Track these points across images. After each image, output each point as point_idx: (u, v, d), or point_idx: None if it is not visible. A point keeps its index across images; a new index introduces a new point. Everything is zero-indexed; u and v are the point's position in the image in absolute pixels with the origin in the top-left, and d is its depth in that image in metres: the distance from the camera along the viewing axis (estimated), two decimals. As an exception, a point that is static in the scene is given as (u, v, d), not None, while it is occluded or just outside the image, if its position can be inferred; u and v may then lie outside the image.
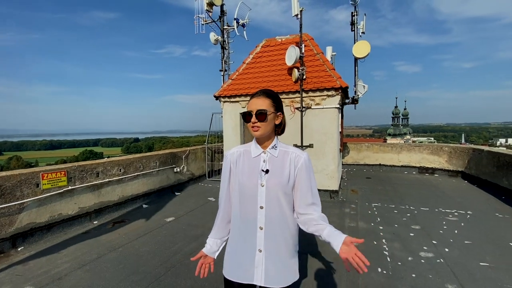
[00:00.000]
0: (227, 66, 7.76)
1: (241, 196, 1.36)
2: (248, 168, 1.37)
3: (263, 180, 1.33)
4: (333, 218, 4.64)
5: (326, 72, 5.89)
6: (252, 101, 1.33)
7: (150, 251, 3.48)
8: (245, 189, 1.35)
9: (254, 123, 1.30)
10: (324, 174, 5.91)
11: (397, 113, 63.32)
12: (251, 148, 1.41)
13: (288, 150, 1.38)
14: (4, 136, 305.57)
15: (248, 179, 1.34)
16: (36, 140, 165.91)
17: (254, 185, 1.33)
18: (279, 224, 1.33)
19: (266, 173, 1.33)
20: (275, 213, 1.32)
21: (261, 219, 1.32)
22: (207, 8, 7.36)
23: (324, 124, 5.86)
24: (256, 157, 1.37)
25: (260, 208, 1.32)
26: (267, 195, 1.32)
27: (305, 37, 6.54)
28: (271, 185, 1.32)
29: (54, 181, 3.91)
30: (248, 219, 1.34)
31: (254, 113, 1.29)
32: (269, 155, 1.36)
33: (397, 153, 8.79)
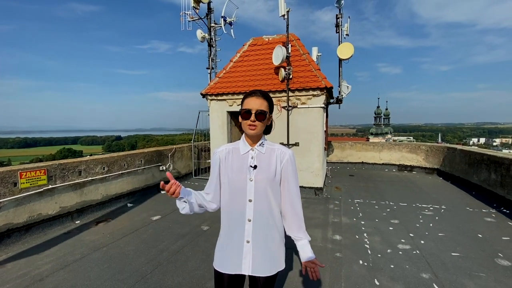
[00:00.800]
0: (214, 64, 7.73)
1: (230, 190, 1.43)
2: (237, 164, 1.44)
3: (251, 175, 1.41)
4: (317, 214, 4.78)
5: (311, 72, 6.02)
6: (251, 100, 1.38)
7: (136, 249, 3.45)
8: (234, 184, 1.42)
9: (253, 122, 1.37)
10: (309, 172, 6.05)
11: (379, 113, 65.32)
12: (240, 146, 1.48)
13: (274, 147, 1.48)
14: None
15: (237, 174, 1.42)
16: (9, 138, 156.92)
17: (243, 180, 1.41)
18: (267, 216, 1.42)
19: (254, 168, 1.41)
20: (263, 206, 1.41)
21: (250, 211, 1.40)
22: (194, 5, 7.29)
23: (310, 123, 6.00)
24: (244, 154, 1.45)
25: (249, 201, 1.40)
26: (256, 189, 1.40)
27: (292, 37, 6.64)
28: (259, 180, 1.40)
29: (33, 180, 3.77)
30: (237, 211, 1.42)
31: (254, 112, 1.36)
32: (256, 152, 1.45)
33: (379, 151, 9.13)
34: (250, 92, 1.44)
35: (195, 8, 7.31)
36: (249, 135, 1.42)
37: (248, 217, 1.41)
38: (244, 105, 1.40)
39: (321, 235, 3.90)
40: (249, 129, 1.38)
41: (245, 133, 1.44)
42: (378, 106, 65.71)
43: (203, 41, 7.52)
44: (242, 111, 1.39)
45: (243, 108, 1.39)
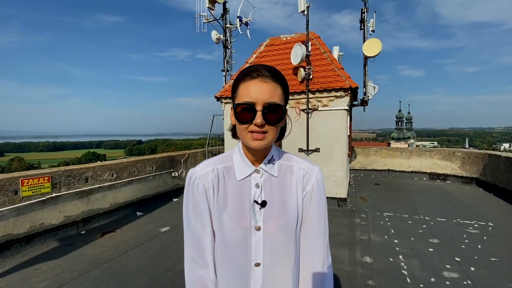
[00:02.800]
0: (229, 66, 7.42)
1: (222, 245, 0.84)
2: (232, 198, 0.84)
3: (257, 221, 0.82)
4: (342, 229, 4.24)
5: (334, 72, 5.53)
6: (253, 85, 0.76)
7: (139, 267, 3.10)
8: (228, 236, 0.82)
9: (260, 127, 0.76)
10: (331, 181, 5.51)
11: (400, 117, 62.76)
12: (235, 163, 0.87)
13: (291, 164, 0.89)
14: (6, 137, 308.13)
15: (232, 218, 0.82)
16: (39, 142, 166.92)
17: (243, 230, 0.81)
18: (285, 286, 0.85)
19: (263, 206, 0.83)
20: (278, 273, 0.83)
21: (257, 282, 0.82)
22: (209, 5, 7.05)
23: (332, 127, 5.48)
24: (244, 179, 0.85)
25: (255, 266, 0.82)
26: (267, 244, 0.82)
27: (312, 35, 6.19)
28: (272, 229, 0.82)
29: (36, 188, 3.55)
30: (236, 281, 0.83)
31: (260, 108, 0.75)
32: (264, 175, 0.86)
33: (407, 158, 8.37)
34: (248, 69, 0.79)
35: (210, 9, 7.07)
36: (253, 148, 0.80)
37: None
38: (240, 94, 0.78)
39: (349, 256, 3.37)
40: (253, 140, 0.77)
41: (245, 144, 0.83)
42: (400, 110, 63.19)
43: (218, 43, 7.25)
44: (237, 108, 0.77)
45: (238, 102, 0.77)
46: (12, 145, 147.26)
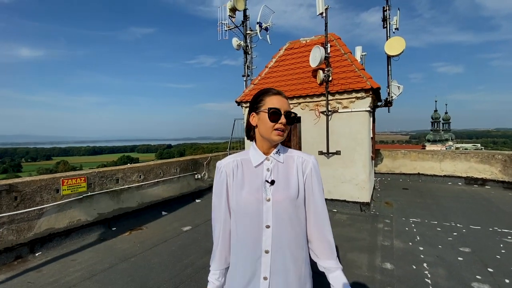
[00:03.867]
0: (250, 71, 7.59)
1: (241, 215, 1.14)
2: (249, 180, 1.15)
3: (268, 194, 1.11)
4: (363, 234, 4.12)
5: (354, 73, 5.42)
6: (275, 98, 1.12)
7: (162, 262, 3.30)
8: (247, 206, 1.12)
9: (284, 125, 1.11)
10: (353, 184, 5.38)
11: (436, 117, 58.56)
12: (251, 156, 1.19)
13: (292, 155, 1.20)
14: (54, 142, 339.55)
15: (249, 193, 1.12)
16: (81, 146, 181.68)
17: (257, 201, 1.11)
18: (289, 245, 1.12)
19: (272, 184, 1.12)
20: (284, 233, 1.12)
21: (267, 240, 1.10)
22: (230, 14, 7.30)
23: (353, 129, 5.36)
24: (258, 165, 1.16)
25: (266, 228, 1.11)
26: (275, 211, 1.11)
27: (332, 36, 6.14)
28: (279, 199, 1.11)
29: (74, 187, 3.95)
30: (251, 241, 1.12)
31: (284, 113, 1.10)
32: (273, 161, 1.17)
33: (439, 161, 7.85)
34: (268, 89, 1.16)
35: (231, 17, 7.32)
36: (274, 141, 1.14)
37: (265, 247, 1.11)
38: (268, 103, 1.11)
39: (367, 262, 3.27)
40: (276, 135, 1.11)
41: (267, 139, 1.15)
42: (436, 110, 59.02)
43: (238, 49, 7.45)
44: (270, 110, 1.09)
45: (270, 107, 1.10)
46: (58, 150, 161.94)
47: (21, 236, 3.32)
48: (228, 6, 7.17)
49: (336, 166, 5.54)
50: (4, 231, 3.16)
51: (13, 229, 3.24)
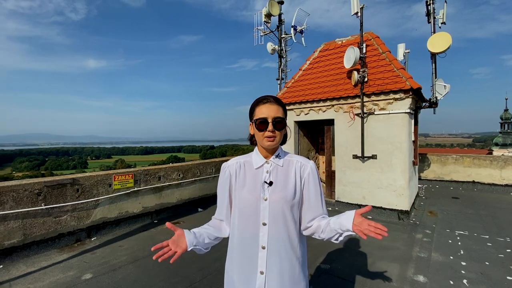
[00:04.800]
0: (284, 74, 7.66)
1: (241, 212, 1.25)
2: (250, 180, 1.26)
3: (266, 194, 1.22)
4: (397, 243, 3.88)
5: (393, 72, 5.13)
6: (264, 107, 1.21)
7: (193, 255, 3.53)
8: (245, 204, 1.24)
9: (271, 132, 1.19)
10: (390, 191, 5.08)
11: (507, 117, 50.57)
12: (253, 159, 1.31)
13: (292, 159, 1.29)
14: (113, 142, 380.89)
15: (249, 192, 1.24)
16: (135, 146, 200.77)
17: (256, 199, 1.22)
18: (284, 242, 1.21)
19: (270, 185, 1.22)
20: (279, 231, 1.21)
21: (264, 237, 1.20)
22: (265, 19, 7.48)
23: (391, 132, 5.07)
24: (258, 168, 1.28)
25: (263, 225, 1.21)
26: (271, 210, 1.21)
27: (369, 35, 5.90)
28: (275, 199, 1.21)
29: (123, 183, 4.51)
30: (249, 237, 1.22)
31: (271, 121, 1.19)
32: (273, 165, 1.27)
33: (500, 168, 6.90)
34: (260, 98, 1.25)
35: (267, 22, 7.49)
36: (266, 148, 1.25)
37: (262, 243, 1.21)
38: (257, 114, 1.23)
39: (398, 272, 3.11)
40: (267, 141, 1.21)
41: (261, 146, 1.28)
42: (506, 109, 51.04)
43: (273, 53, 7.59)
44: (256, 121, 1.21)
45: (256, 118, 1.21)
46: (117, 149, 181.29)
47: (81, 223, 3.92)
48: (264, 12, 7.37)
49: (371, 170, 5.29)
50: (68, 217, 3.78)
51: (75, 216, 3.85)
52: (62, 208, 3.72)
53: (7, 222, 3.23)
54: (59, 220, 3.70)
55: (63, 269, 3.15)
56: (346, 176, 5.64)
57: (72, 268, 3.18)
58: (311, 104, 6.11)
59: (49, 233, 3.60)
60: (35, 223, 3.46)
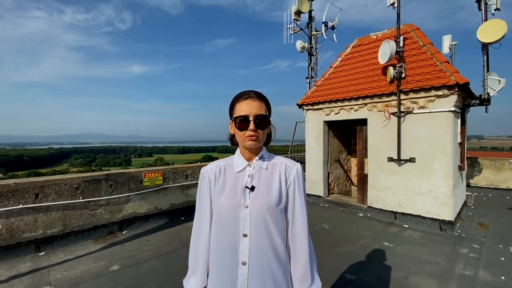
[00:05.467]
0: (314, 72, 7.40)
1: (218, 221, 1.10)
2: (230, 185, 1.11)
3: (246, 200, 1.07)
4: (437, 257, 3.47)
5: (435, 67, 4.63)
6: (245, 103, 1.08)
7: (215, 254, 3.59)
8: (223, 212, 1.09)
9: (253, 131, 1.06)
10: (431, 198, 4.58)
11: None
12: (234, 162, 1.17)
13: (276, 161, 1.16)
14: (154, 142, 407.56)
15: (227, 198, 1.09)
16: (173, 146, 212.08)
17: (235, 207, 1.07)
18: (268, 257, 1.06)
19: (252, 190, 1.08)
20: (262, 243, 1.05)
21: (244, 250, 1.05)
22: (295, 17, 7.33)
23: (432, 133, 4.58)
24: (240, 171, 1.13)
25: (243, 236, 1.06)
26: (253, 219, 1.06)
27: (408, 28, 5.42)
28: (257, 206, 1.06)
29: (153, 180, 4.71)
30: (227, 251, 1.06)
31: (252, 119, 1.06)
32: (255, 167, 1.13)
33: None
34: (240, 94, 1.12)
35: (296, 20, 7.32)
36: (249, 148, 1.12)
37: (242, 259, 1.05)
38: (237, 111, 1.09)
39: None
40: (248, 141, 1.08)
41: (242, 146, 1.14)
42: None
43: (302, 51, 7.38)
44: (237, 120, 1.08)
45: (236, 115, 1.08)
46: (157, 148, 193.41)
47: (114, 216, 4.18)
48: (293, 10, 7.21)
49: (409, 175, 4.83)
50: (102, 211, 4.05)
51: (108, 210, 4.11)
52: (97, 202, 4.00)
53: (50, 213, 3.57)
54: (94, 213, 3.98)
55: (95, 259, 3.37)
56: (380, 180, 5.23)
57: (102, 258, 3.38)
58: (342, 103, 5.80)
59: (86, 225, 3.89)
60: (73, 215, 3.77)
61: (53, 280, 2.87)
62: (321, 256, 3.49)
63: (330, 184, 6.51)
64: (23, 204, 3.36)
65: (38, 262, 3.25)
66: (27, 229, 3.40)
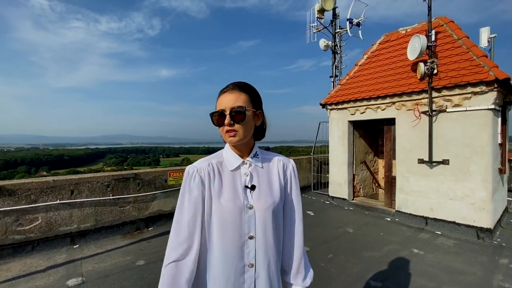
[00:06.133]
0: (339, 71, 7.20)
1: (220, 226, 1.00)
2: (228, 185, 1.03)
3: (250, 201, 1.02)
4: (473, 267, 3.19)
5: (471, 61, 4.28)
6: (222, 98, 1.02)
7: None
8: (226, 216, 1.00)
9: (230, 126, 0.99)
10: (467, 203, 4.24)
11: None
12: (227, 158, 1.08)
13: (271, 157, 1.14)
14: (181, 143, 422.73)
15: (229, 200, 1.00)
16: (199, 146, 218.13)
17: (238, 208, 1.00)
18: (273, 256, 1.04)
19: (252, 189, 1.04)
20: (269, 244, 1.03)
21: (251, 253, 1.01)
22: (318, 15, 7.19)
23: (468, 133, 4.24)
24: (235, 169, 1.05)
25: (249, 239, 1.01)
26: (259, 220, 1.01)
27: (441, 21, 5.08)
28: (261, 206, 1.02)
29: (177, 179, 4.87)
30: (233, 254, 1.00)
31: (227, 113, 0.99)
32: (251, 165, 1.08)
33: None
34: (224, 88, 1.05)
35: (320, 18, 7.18)
36: (231, 144, 1.06)
37: (249, 261, 1.01)
38: (216, 106, 1.04)
39: (472, 304, 2.53)
40: (228, 137, 1.01)
41: (226, 142, 1.08)
42: None
43: (326, 50, 7.21)
44: (213, 115, 1.02)
45: (215, 111, 1.03)
46: (183, 149, 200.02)
47: (141, 213, 4.38)
48: (316, 8, 7.08)
49: (441, 178, 4.51)
50: (130, 208, 4.27)
51: (136, 207, 4.32)
52: (125, 199, 4.22)
53: (83, 208, 3.83)
54: (123, 209, 4.20)
55: (123, 253, 3.56)
56: (409, 183, 4.94)
57: (130, 253, 3.56)
58: (368, 102, 5.57)
59: (115, 220, 4.12)
60: (104, 211, 4.01)
61: (85, 271, 3.07)
62: (343, 260, 3.38)
63: (355, 187, 6.28)
64: (60, 199, 3.65)
65: (72, 254, 3.50)
66: (63, 223, 3.68)
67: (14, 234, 3.33)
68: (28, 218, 3.43)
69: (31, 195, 3.46)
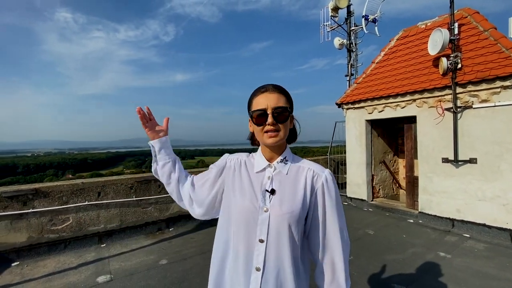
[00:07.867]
0: (354, 69, 7.06)
1: (234, 222, 1.02)
2: (247, 184, 1.04)
3: (266, 204, 0.99)
4: (506, 273, 3.01)
5: (499, 54, 4.07)
6: (262, 97, 1.00)
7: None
8: (240, 214, 1.01)
9: (272, 125, 0.97)
10: (498, 204, 4.01)
11: None
12: (255, 160, 1.09)
13: (303, 165, 1.06)
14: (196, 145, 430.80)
15: (245, 199, 1.01)
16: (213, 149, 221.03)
17: (254, 209, 0.99)
18: (285, 266, 0.97)
19: (272, 194, 1.00)
20: (279, 251, 0.97)
21: (259, 256, 0.97)
22: (332, 13, 7.10)
23: (498, 130, 4.02)
24: (259, 172, 1.06)
25: (260, 242, 0.98)
26: (272, 225, 0.97)
27: (464, 12, 4.86)
28: (278, 212, 0.98)
29: (196, 181, 4.97)
30: (241, 254, 0.99)
31: (271, 112, 0.97)
32: (276, 169, 1.04)
33: None
34: (258, 88, 1.04)
35: (334, 17, 7.08)
36: (269, 145, 1.02)
37: (256, 264, 0.97)
38: (254, 106, 1.01)
39: (506, 311, 2.40)
40: (268, 138, 0.98)
41: (263, 143, 1.05)
42: None
43: (341, 48, 7.09)
44: (253, 115, 1.00)
45: (253, 110, 1.01)
46: (198, 151, 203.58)
47: (162, 214, 4.50)
48: (330, 6, 6.99)
49: (469, 178, 4.31)
50: (152, 209, 4.40)
51: (157, 208, 4.45)
52: (148, 201, 4.36)
53: (109, 209, 3.99)
54: (145, 210, 4.34)
55: (146, 253, 3.67)
56: (433, 184, 4.75)
57: (153, 253, 3.67)
58: (386, 100, 5.42)
59: (138, 221, 4.26)
60: (128, 212, 4.16)
61: (112, 269, 3.20)
62: (365, 263, 3.30)
63: (374, 187, 6.12)
64: (89, 201, 3.83)
65: (100, 252, 3.66)
66: (91, 223, 3.86)
67: (49, 233, 3.55)
68: (61, 218, 3.64)
69: (63, 196, 3.67)
